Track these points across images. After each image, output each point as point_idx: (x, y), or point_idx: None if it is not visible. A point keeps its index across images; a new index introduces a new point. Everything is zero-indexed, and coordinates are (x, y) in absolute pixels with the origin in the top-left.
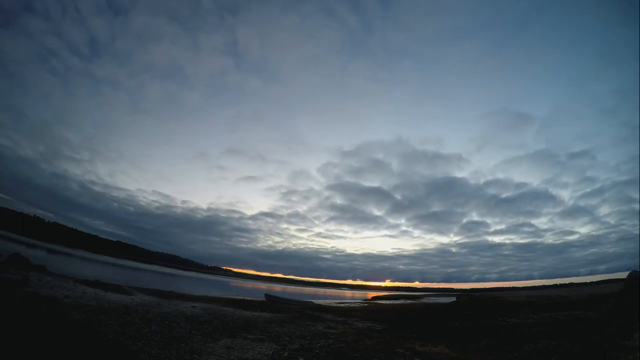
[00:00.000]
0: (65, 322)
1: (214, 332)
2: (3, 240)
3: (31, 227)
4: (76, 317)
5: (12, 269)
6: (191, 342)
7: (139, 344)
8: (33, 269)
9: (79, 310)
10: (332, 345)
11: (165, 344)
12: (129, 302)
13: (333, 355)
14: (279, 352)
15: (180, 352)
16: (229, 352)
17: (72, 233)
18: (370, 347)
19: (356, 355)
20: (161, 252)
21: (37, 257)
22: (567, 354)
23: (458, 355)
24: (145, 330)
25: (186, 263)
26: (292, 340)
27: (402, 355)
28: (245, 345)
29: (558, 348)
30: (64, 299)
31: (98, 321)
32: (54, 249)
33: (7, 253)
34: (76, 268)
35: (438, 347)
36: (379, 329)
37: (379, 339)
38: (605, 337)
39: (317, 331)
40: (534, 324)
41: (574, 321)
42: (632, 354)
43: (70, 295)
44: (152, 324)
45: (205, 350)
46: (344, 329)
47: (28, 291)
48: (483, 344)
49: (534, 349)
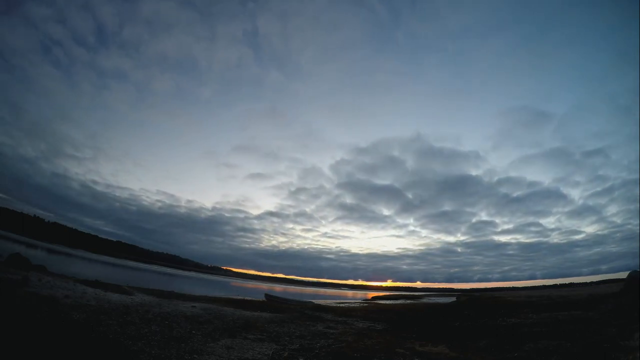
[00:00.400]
0: (65, 322)
1: (214, 332)
2: (3, 240)
3: (31, 227)
4: (76, 317)
5: (12, 269)
6: (191, 342)
7: (139, 344)
8: (33, 269)
9: (79, 310)
10: (332, 345)
11: (165, 344)
12: (129, 302)
13: (333, 355)
14: (279, 352)
15: (180, 352)
16: (229, 352)
17: (72, 233)
18: (370, 347)
19: (356, 355)
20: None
21: (37, 257)
22: (567, 354)
23: (458, 355)
24: (145, 330)
25: (186, 263)
26: (292, 340)
27: (402, 355)
28: (246, 345)
29: (558, 348)
30: (64, 299)
31: (98, 321)
32: (54, 249)
33: (7, 253)
34: (76, 268)
35: (438, 347)
36: (379, 329)
37: (379, 339)
38: (605, 337)
39: (317, 331)
40: (534, 324)
41: (574, 321)
42: (632, 354)
43: (70, 295)
44: (152, 324)
45: (206, 350)
46: (344, 329)
47: (28, 291)
48: (483, 344)
49: (534, 349)
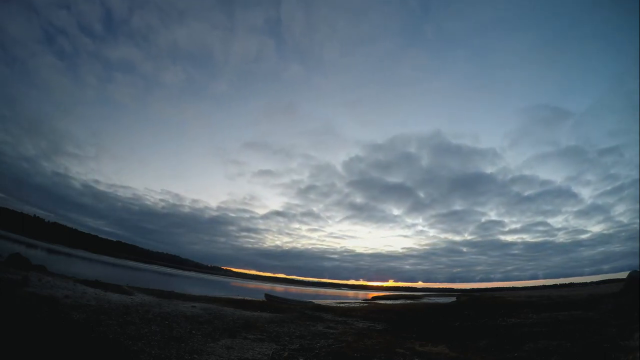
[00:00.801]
0: (65, 322)
1: (214, 332)
2: (3, 240)
3: (31, 227)
4: (76, 317)
5: (12, 269)
6: (191, 342)
7: (139, 344)
8: (33, 269)
9: (79, 310)
10: (332, 345)
11: (165, 344)
12: (129, 302)
13: (333, 355)
14: (279, 352)
15: (180, 352)
16: (229, 352)
17: (72, 233)
18: (370, 347)
19: (356, 355)
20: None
21: (37, 257)
22: (567, 354)
23: (458, 355)
24: (145, 330)
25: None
26: (292, 340)
27: (402, 355)
28: (246, 345)
29: (558, 348)
30: (64, 299)
31: (98, 321)
32: (54, 249)
33: (7, 253)
34: (76, 268)
35: (438, 347)
36: (379, 329)
37: (379, 339)
38: (605, 337)
39: (317, 331)
40: (534, 324)
41: (574, 321)
42: (632, 354)
43: (70, 295)
44: (152, 324)
45: (205, 350)
46: (344, 329)
47: (28, 291)
48: (483, 344)
49: (534, 349)
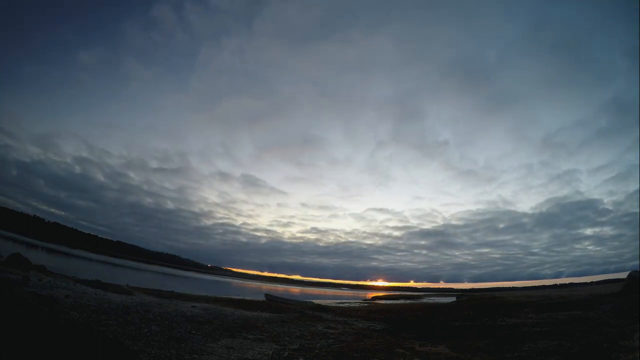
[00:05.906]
0: (65, 322)
1: (214, 332)
2: (3, 240)
3: (31, 227)
4: (76, 317)
5: (12, 269)
6: (191, 342)
7: (139, 344)
8: (33, 268)
9: (79, 310)
10: (332, 345)
11: (165, 344)
12: (129, 302)
13: (333, 355)
14: (279, 352)
15: (180, 352)
16: (229, 352)
17: (72, 233)
18: (370, 347)
19: (356, 355)
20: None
21: (37, 257)
22: (567, 354)
23: (458, 355)
24: (145, 330)
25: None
26: (292, 340)
27: (402, 355)
28: (246, 345)
29: (558, 348)
30: (64, 299)
31: (98, 321)
32: (54, 249)
33: (7, 253)
34: (76, 268)
35: (438, 347)
36: (378, 329)
37: (378, 339)
38: (605, 337)
39: (317, 331)
40: (534, 324)
41: (574, 321)
42: (632, 354)
43: (70, 295)
44: (152, 324)
45: (205, 350)
46: (344, 329)
47: (28, 291)
48: (483, 344)
49: (534, 349)
